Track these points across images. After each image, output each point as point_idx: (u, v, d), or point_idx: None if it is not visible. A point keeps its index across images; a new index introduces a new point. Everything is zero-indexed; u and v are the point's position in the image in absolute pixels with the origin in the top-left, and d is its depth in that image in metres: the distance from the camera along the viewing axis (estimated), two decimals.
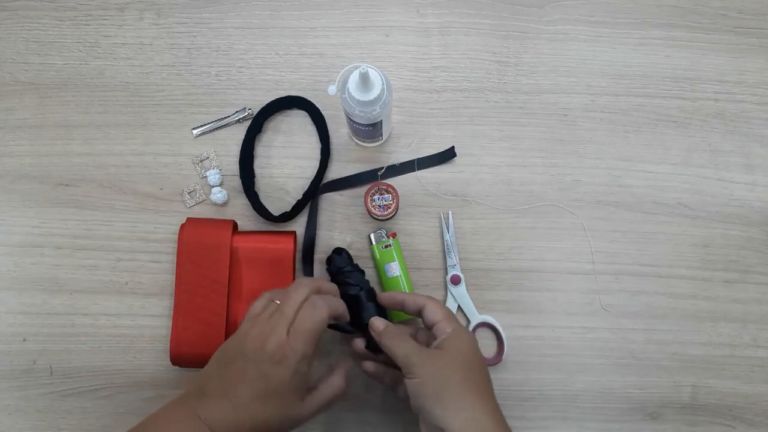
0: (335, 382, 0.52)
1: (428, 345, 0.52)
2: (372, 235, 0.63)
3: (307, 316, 0.49)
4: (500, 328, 0.62)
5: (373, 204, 0.62)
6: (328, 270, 0.62)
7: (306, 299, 0.50)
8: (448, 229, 0.64)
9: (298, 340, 0.48)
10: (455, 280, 0.63)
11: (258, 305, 0.52)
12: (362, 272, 0.61)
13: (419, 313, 0.54)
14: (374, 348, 0.55)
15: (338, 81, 0.54)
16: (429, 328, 0.53)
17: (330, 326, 0.56)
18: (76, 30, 0.69)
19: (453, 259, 0.63)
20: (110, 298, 0.63)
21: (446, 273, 0.63)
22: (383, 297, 0.58)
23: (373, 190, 0.62)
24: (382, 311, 0.59)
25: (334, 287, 0.56)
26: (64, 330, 0.63)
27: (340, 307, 0.53)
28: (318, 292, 0.52)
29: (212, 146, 0.66)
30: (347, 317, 0.55)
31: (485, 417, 0.47)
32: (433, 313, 0.53)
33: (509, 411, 0.57)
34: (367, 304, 0.58)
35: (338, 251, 0.62)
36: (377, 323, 0.54)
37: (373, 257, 0.63)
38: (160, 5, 0.69)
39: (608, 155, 0.66)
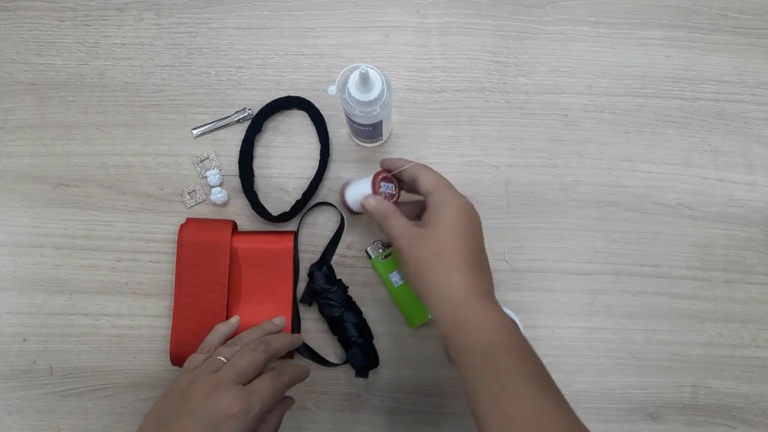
0: (274, 420, 0.51)
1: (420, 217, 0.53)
2: (368, 249, 0.63)
3: (270, 382, 0.49)
4: None
5: (381, 191, 0.57)
6: (310, 284, 0.62)
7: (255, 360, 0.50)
8: None
9: (259, 396, 0.47)
10: None
11: (197, 359, 0.51)
12: (345, 288, 0.62)
13: (416, 183, 0.54)
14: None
15: (338, 81, 0.54)
16: (425, 197, 0.53)
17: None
18: (76, 30, 0.69)
19: None
20: (110, 298, 0.63)
21: None
22: (384, 162, 0.57)
23: (380, 177, 0.58)
24: (364, 329, 0.61)
25: (287, 344, 0.55)
26: (64, 330, 0.63)
27: (301, 376, 0.54)
28: (272, 353, 0.52)
29: (212, 146, 0.66)
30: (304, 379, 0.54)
31: (459, 293, 0.47)
32: (424, 183, 0.53)
33: None
34: (350, 325, 0.60)
35: (319, 265, 0.62)
36: (370, 201, 0.54)
37: (376, 270, 0.63)
38: (160, 5, 0.69)
39: (608, 155, 0.66)
